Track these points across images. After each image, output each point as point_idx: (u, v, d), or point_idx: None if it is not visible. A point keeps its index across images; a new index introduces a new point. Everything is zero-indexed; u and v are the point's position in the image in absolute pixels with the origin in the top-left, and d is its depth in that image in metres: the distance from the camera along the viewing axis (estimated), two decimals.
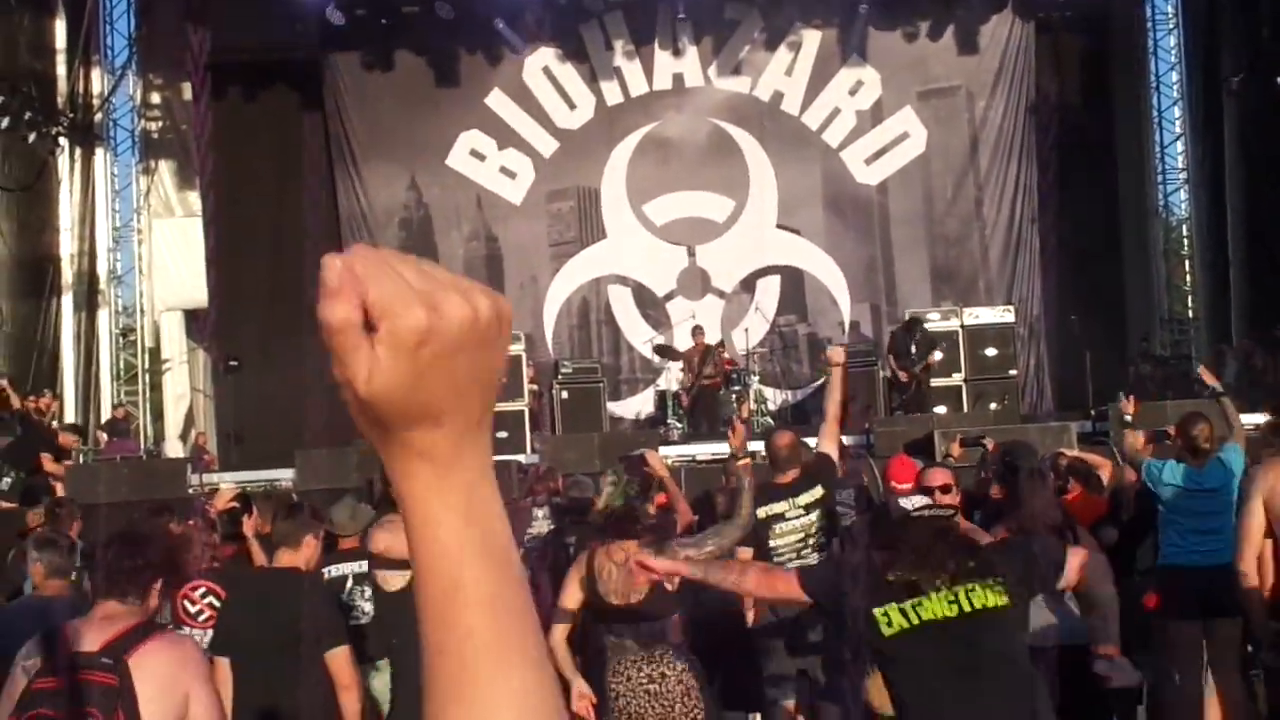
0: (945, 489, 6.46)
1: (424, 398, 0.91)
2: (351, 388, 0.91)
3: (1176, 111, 21.63)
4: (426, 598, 0.95)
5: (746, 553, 7.37)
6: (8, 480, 13.64)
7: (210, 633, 7.02)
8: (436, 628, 0.95)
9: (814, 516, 7.64)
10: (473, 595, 0.94)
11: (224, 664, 6.06)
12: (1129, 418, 9.43)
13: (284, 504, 6.69)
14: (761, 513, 7.54)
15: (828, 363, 8.18)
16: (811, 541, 7.61)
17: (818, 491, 7.69)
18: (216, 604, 7.21)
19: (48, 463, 14.24)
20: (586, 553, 6.44)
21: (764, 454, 8.28)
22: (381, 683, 7.99)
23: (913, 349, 16.63)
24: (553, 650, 6.15)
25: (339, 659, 5.98)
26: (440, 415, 0.92)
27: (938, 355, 16.72)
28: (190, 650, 4.38)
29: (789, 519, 7.60)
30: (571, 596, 6.29)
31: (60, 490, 13.01)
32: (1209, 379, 8.29)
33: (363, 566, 8.01)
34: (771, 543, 7.56)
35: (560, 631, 6.30)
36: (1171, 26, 21.63)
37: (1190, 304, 21.77)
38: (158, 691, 3.97)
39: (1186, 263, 21.91)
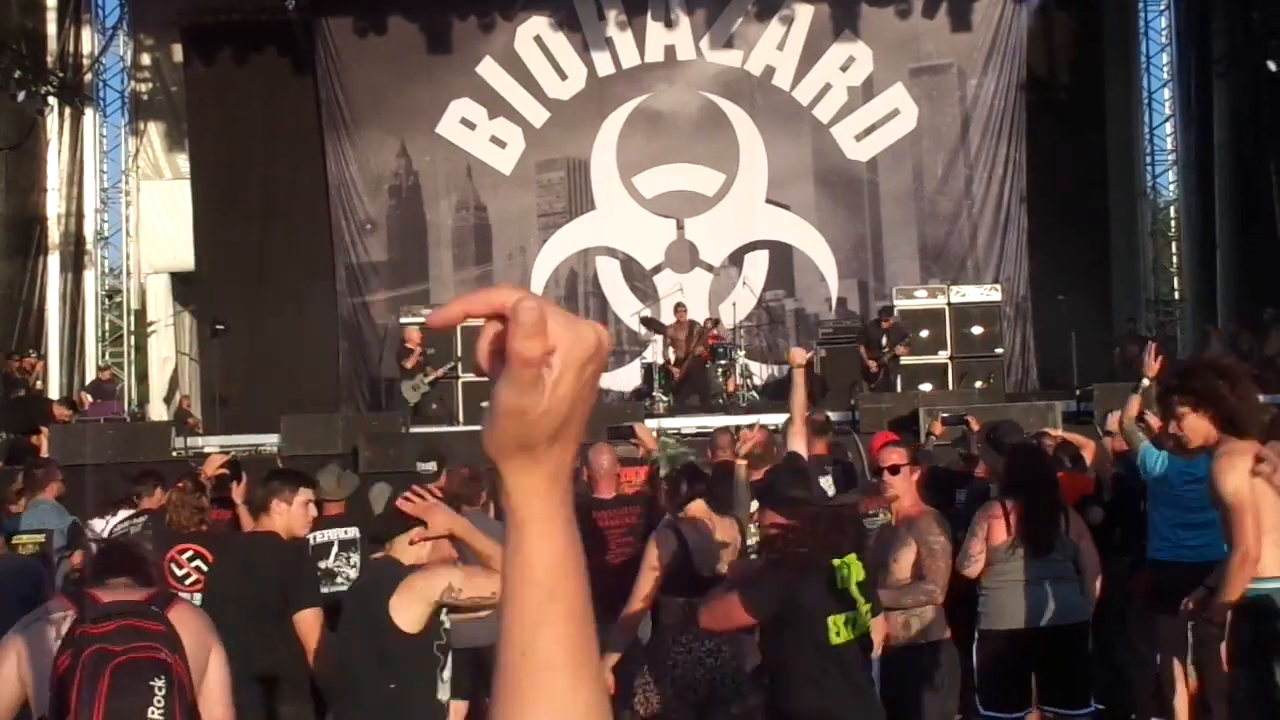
0: (894, 469, 6.44)
1: (574, 411, 1.05)
2: (524, 411, 1.03)
3: (1166, 93, 21.67)
4: (521, 605, 1.04)
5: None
6: None
7: (196, 596, 7.06)
8: (524, 631, 1.04)
9: None
10: (564, 605, 1.04)
11: None
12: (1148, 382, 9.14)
13: (264, 471, 6.70)
14: None
15: (790, 362, 8.14)
16: None
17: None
18: (204, 567, 7.24)
19: (41, 440, 14.21)
20: (659, 533, 6.49)
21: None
22: None
23: (883, 340, 16.67)
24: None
25: (306, 620, 5.95)
26: (568, 431, 1.06)
27: (906, 348, 16.71)
28: (206, 616, 4.53)
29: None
30: (649, 579, 6.32)
31: (45, 450, 13.01)
32: (1151, 369, 8.13)
33: (348, 533, 8.04)
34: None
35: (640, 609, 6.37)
36: (1163, 8, 21.66)
37: (1177, 285, 21.86)
38: (193, 646, 4.12)
39: (1174, 244, 21.99)
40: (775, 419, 11.28)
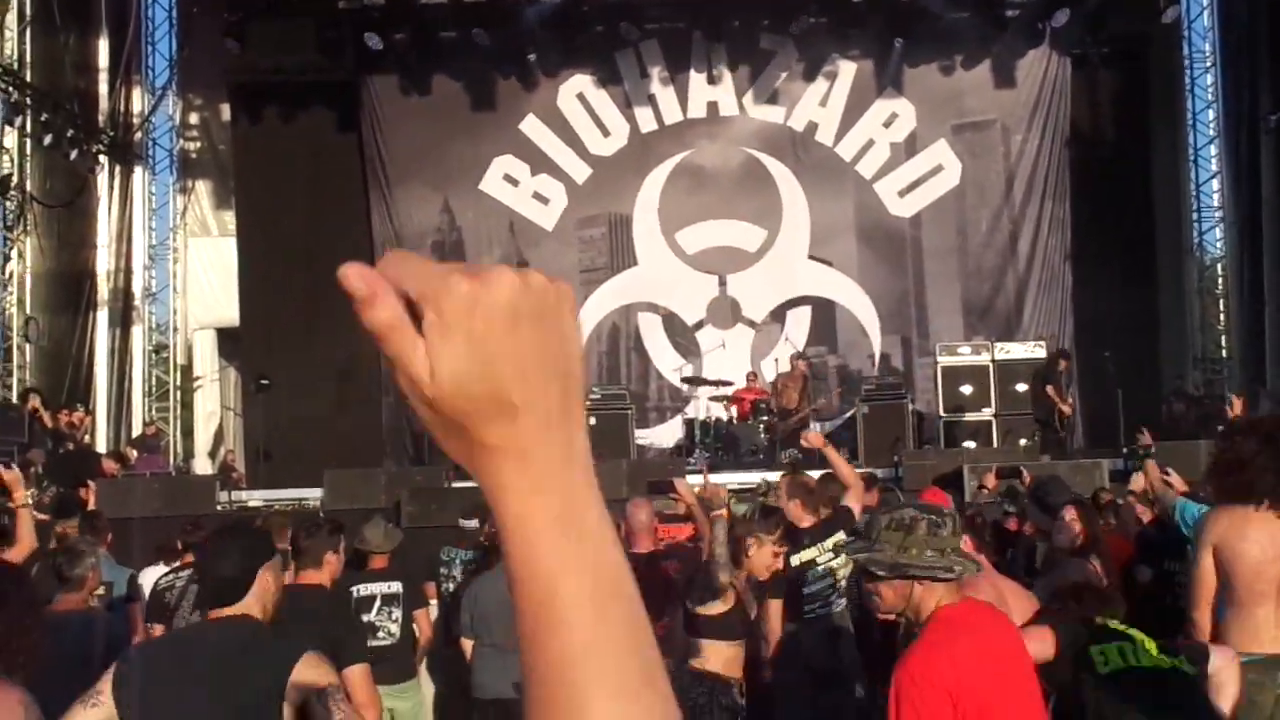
0: None
1: (490, 382, 0.85)
2: (418, 390, 0.86)
3: (1213, 150, 21.55)
4: (521, 614, 0.88)
5: (776, 605, 7.42)
6: (49, 494, 13.73)
7: None
8: (530, 648, 0.88)
9: (842, 559, 7.65)
10: (568, 612, 0.86)
11: None
12: (1148, 447, 9.27)
13: (304, 521, 6.72)
14: (795, 560, 7.57)
15: (808, 444, 8.25)
16: (839, 586, 7.58)
17: (841, 536, 7.71)
18: None
19: (89, 494, 14.28)
20: None
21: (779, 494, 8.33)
22: (407, 705, 7.99)
23: (1060, 384, 16.68)
24: None
25: (356, 675, 5.93)
26: (512, 404, 0.85)
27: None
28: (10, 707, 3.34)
29: (820, 564, 7.61)
30: None
31: (92, 504, 13.06)
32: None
33: (391, 587, 8.03)
34: (805, 590, 7.55)
35: None
36: (1209, 65, 21.58)
37: (1224, 343, 21.64)
38: None
39: (1221, 301, 21.79)
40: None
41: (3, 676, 3.42)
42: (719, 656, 6.33)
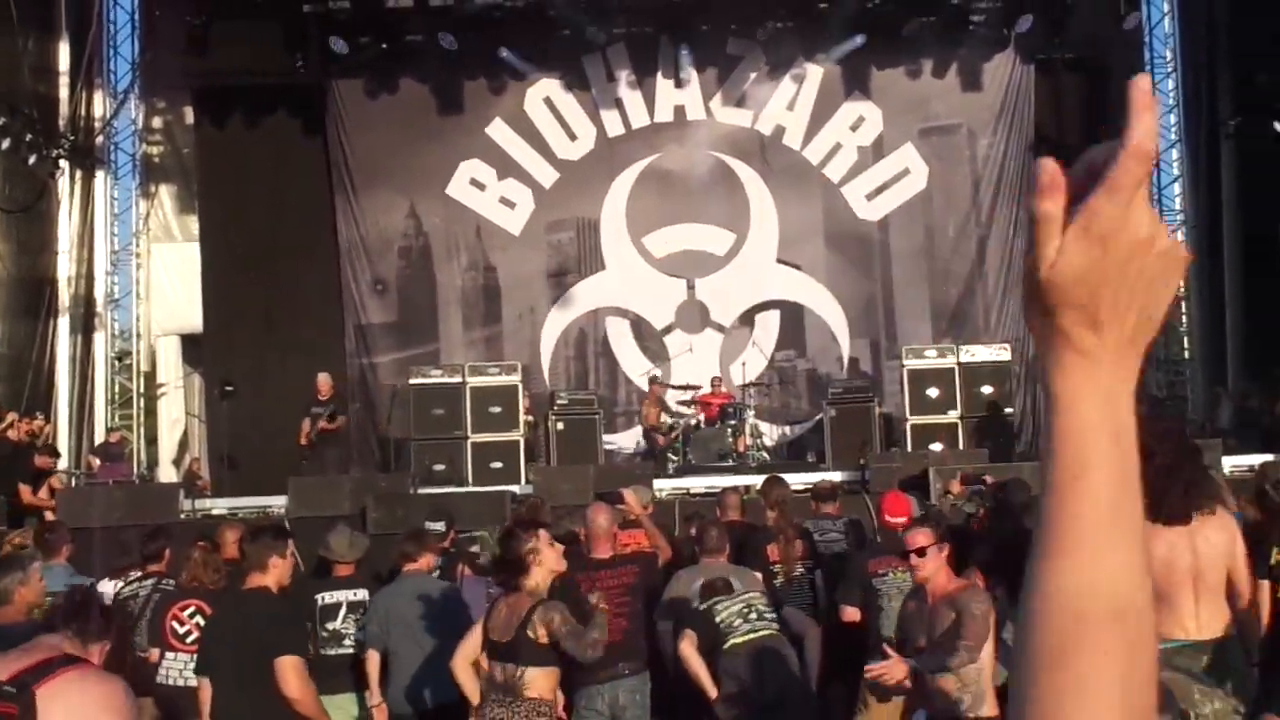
0: (921, 552, 6.13)
1: (1091, 291, 1.02)
2: (1035, 271, 1.03)
3: (1174, 154, 21.68)
4: (1054, 481, 1.04)
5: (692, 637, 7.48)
6: None
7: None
8: (1057, 505, 1.04)
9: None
10: (1096, 475, 1.03)
11: (205, 683, 6.13)
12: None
13: (251, 528, 6.76)
14: (701, 604, 7.74)
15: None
16: (757, 607, 7.67)
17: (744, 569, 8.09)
18: (203, 623, 7.28)
19: (25, 494, 14.17)
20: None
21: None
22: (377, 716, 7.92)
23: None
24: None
25: (285, 666, 5.96)
26: (1099, 318, 1.03)
27: None
28: (115, 690, 3.61)
29: (726, 598, 7.80)
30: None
31: (50, 515, 12.94)
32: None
33: (357, 594, 7.98)
34: (718, 620, 7.59)
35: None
36: (1170, 70, 21.73)
37: (1186, 345, 21.78)
38: None
39: (1183, 303, 21.94)
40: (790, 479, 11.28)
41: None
42: (549, 680, 6.19)
